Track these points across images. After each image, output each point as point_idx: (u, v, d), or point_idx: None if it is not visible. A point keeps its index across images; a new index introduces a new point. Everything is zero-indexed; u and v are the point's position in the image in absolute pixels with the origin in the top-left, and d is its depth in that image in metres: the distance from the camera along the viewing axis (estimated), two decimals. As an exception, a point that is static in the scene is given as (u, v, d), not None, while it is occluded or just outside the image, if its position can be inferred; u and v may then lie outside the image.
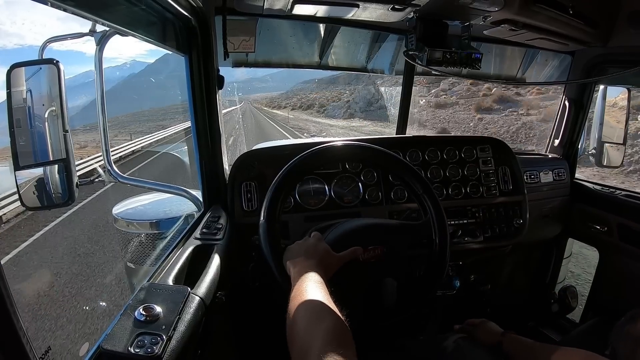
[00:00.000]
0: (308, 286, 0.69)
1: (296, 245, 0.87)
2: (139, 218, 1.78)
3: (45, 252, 4.38)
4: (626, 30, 1.23)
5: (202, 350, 0.82)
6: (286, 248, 0.88)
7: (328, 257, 0.83)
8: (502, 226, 1.38)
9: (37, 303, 3.09)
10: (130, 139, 15.57)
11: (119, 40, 1.06)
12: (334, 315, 0.60)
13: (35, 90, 0.70)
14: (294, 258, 0.82)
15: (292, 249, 0.87)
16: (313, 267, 0.75)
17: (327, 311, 0.61)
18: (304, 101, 36.66)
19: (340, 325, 0.59)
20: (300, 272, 0.74)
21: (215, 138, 1.20)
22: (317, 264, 0.78)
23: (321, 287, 0.69)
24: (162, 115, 44.33)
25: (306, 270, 0.74)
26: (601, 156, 1.63)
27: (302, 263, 0.78)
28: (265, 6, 1.15)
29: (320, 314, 0.61)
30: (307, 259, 0.79)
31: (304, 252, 0.83)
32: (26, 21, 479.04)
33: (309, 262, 0.78)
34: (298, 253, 0.83)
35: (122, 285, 3.16)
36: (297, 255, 0.82)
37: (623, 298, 1.47)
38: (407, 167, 1.00)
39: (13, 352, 0.41)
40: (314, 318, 0.60)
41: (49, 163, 0.75)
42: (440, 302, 1.38)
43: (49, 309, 3.00)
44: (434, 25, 1.13)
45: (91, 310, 2.92)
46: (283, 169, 0.94)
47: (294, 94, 40.22)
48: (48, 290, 3.40)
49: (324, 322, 0.58)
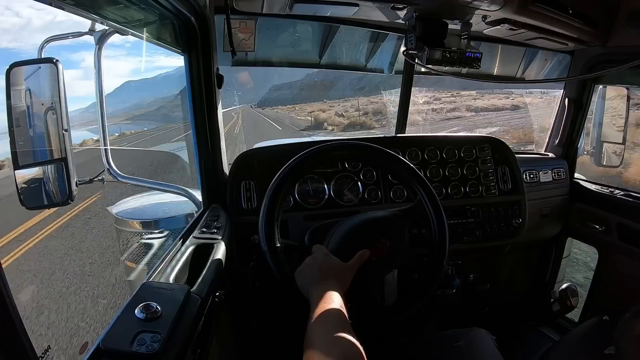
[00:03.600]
0: (328, 310, 0.69)
1: (306, 267, 0.83)
2: (138, 217, 1.79)
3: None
4: (625, 29, 1.23)
5: (201, 349, 0.82)
6: (296, 271, 0.84)
7: (341, 271, 0.82)
8: (502, 225, 1.39)
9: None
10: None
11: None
12: (350, 341, 0.61)
13: (35, 90, 0.70)
14: (309, 280, 0.79)
15: (303, 272, 0.83)
16: (332, 287, 0.74)
17: (344, 337, 0.62)
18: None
19: (355, 351, 0.60)
20: (320, 295, 0.72)
21: (214, 137, 1.20)
22: (334, 283, 0.76)
23: (341, 311, 0.69)
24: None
25: (326, 292, 0.73)
26: (600, 156, 1.64)
27: (321, 284, 0.76)
28: (265, 5, 1.15)
29: (337, 339, 0.62)
30: (324, 279, 0.78)
31: (318, 272, 0.80)
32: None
33: (328, 283, 0.76)
34: (311, 274, 0.80)
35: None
36: (311, 277, 0.80)
37: (622, 297, 1.47)
38: (406, 166, 1.01)
39: (13, 351, 0.41)
40: (330, 342, 0.61)
41: (48, 162, 0.75)
42: (440, 301, 1.38)
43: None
44: (434, 25, 1.13)
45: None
46: (273, 181, 0.93)
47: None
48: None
49: (340, 347, 0.60)
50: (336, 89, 26.20)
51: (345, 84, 24.82)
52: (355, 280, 0.82)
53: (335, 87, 26.40)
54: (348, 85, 24.35)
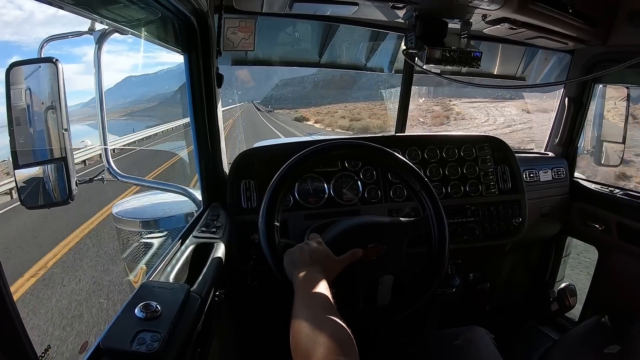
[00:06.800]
0: (313, 293, 0.69)
1: (297, 249, 0.84)
2: (138, 216, 1.79)
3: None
4: (625, 29, 1.23)
5: (201, 348, 0.82)
6: (286, 251, 0.85)
7: (330, 261, 0.82)
8: (501, 225, 1.39)
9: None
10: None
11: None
12: (337, 323, 0.61)
13: (35, 89, 0.70)
14: (296, 262, 0.80)
15: (292, 252, 0.84)
16: (317, 273, 0.75)
17: (331, 319, 0.62)
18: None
19: (344, 333, 0.59)
20: (305, 278, 0.73)
21: (214, 136, 1.20)
22: (320, 269, 0.77)
23: (326, 295, 0.69)
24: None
25: (310, 276, 0.73)
26: (600, 155, 1.64)
27: (306, 268, 0.77)
28: (265, 5, 1.15)
29: (325, 321, 0.61)
30: (310, 264, 0.78)
31: (306, 256, 0.81)
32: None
33: (313, 268, 0.77)
34: (300, 257, 0.81)
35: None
36: (299, 260, 0.80)
37: (622, 296, 1.47)
38: (405, 165, 1.00)
39: (13, 351, 0.41)
40: (318, 325, 0.60)
41: (48, 162, 0.75)
42: (440, 300, 1.38)
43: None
44: (434, 24, 1.13)
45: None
46: (273, 180, 0.93)
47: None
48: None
49: (328, 330, 0.58)
50: (359, 86, 22.30)
51: (370, 79, 20.32)
52: (342, 277, 0.82)
53: (358, 84, 22.59)
54: (374, 82, 19.54)
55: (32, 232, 4.69)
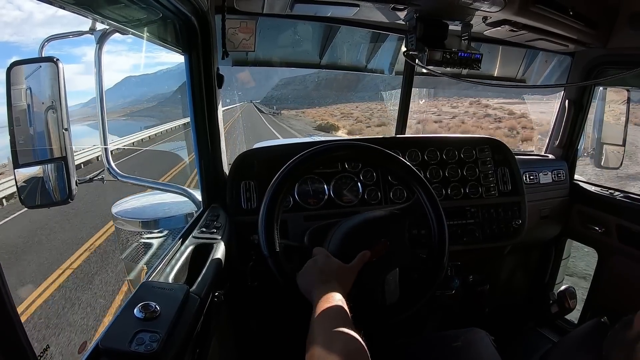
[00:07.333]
0: (330, 308, 0.69)
1: (308, 270, 0.83)
2: (138, 217, 1.79)
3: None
4: (626, 31, 1.23)
5: (200, 349, 0.82)
6: (298, 274, 0.84)
7: (342, 272, 0.82)
8: (501, 227, 1.39)
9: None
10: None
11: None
12: (351, 336, 0.62)
13: (35, 89, 0.70)
14: (311, 283, 0.79)
15: (305, 275, 0.83)
16: (333, 290, 0.74)
17: (345, 331, 0.62)
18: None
19: (357, 345, 0.60)
20: (323, 298, 0.73)
21: (214, 137, 1.20)
22: (336, 285, 0.76)
23: (342, 308, 0.70)
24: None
25: (328, 295, 0.73)
26: (600, 157, 1.64)
27: (324, 287, 0.76)
28: (266, 5, 1.15)
29: (339, 334, 0.62)
30: (325, 281, 0.78)
31: (319, 274, 0.80)
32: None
33: (329, 285, 0.76)
34: (314, 278, 0.80)
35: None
36: (314, 280, 0.80)
37: (622, 299, 1.47)
38: (405, 166, 1.01)
39: (12, 351, 0.41)
40: (331, 338, 0.62)
41: (48, 161, 0.75)
42: (439, 302, 1.38)
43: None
44: (434, 26, 1.13)
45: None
46: (273, 181, 0.93)
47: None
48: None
49: (341, 342, 0.60)
50: (363, 86, 21.52)
51: (376, 79, 18.88)
52: (356, 282, 0.82)
53: (362, 84, 21.89)
54: (380, 79, 18.54)
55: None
